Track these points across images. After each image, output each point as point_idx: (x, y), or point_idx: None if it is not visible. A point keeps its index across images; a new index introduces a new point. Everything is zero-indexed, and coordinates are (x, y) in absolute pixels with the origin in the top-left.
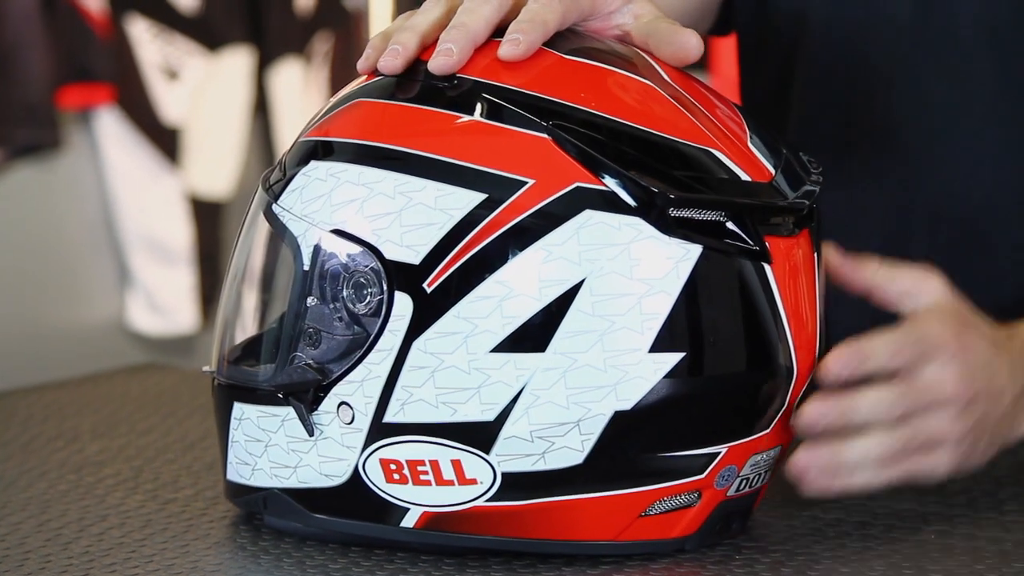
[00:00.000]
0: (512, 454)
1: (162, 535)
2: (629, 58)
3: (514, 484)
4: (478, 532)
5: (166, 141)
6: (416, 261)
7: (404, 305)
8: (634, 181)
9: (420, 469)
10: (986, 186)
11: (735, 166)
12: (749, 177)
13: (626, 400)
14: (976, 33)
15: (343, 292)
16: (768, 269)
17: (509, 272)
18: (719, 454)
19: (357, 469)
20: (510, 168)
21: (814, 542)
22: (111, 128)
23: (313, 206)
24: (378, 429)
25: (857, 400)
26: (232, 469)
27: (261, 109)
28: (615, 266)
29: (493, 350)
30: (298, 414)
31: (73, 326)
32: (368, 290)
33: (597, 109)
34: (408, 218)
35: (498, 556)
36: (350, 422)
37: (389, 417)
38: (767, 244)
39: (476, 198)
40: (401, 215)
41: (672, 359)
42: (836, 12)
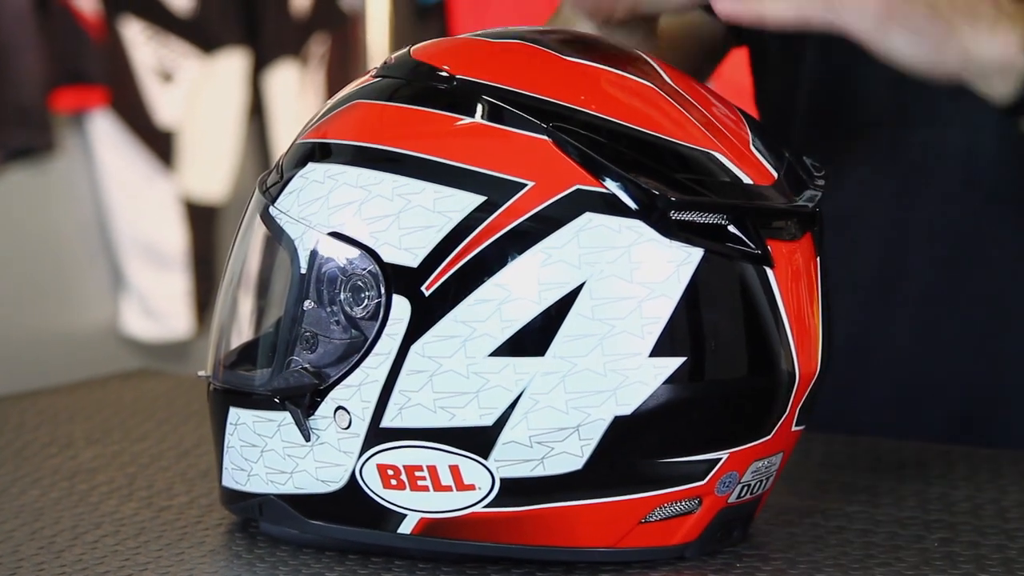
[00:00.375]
0: (511, 459)
1: (157, 543)
2: (630, 60)
3: (513, 490)
4: (476, 539)
5: (160, 144)
6: (414, 264)
7: (402, 308)
8: (635, 183)
9: (418, 475)
10: (981, 198)
11: (737, 169)
12: (751, 180)
13: (626, 405)
14: None
15: (340, 295)
16: (770, 273)
17: (508, 275)
18: (720, 460)
19: (354, 475)
20: (510, 170)
21: (816, 550)
22: (105, 131)
23: (310, 208)
24: (375, 434)
25: None
26: (228, 475)
27: (257, 112)
28: (615, 269)
29: (492, 354)
30: (295, 419)
31: (66, 331)
32: (366, 293)
33: (598, 111)
34: (406, 220)
35: (496, 563)
36: (347, 427)
37: (386, 422)
38: (769, 248)
39: (475, 200)
40: (399, 217)
41: (673, 364)
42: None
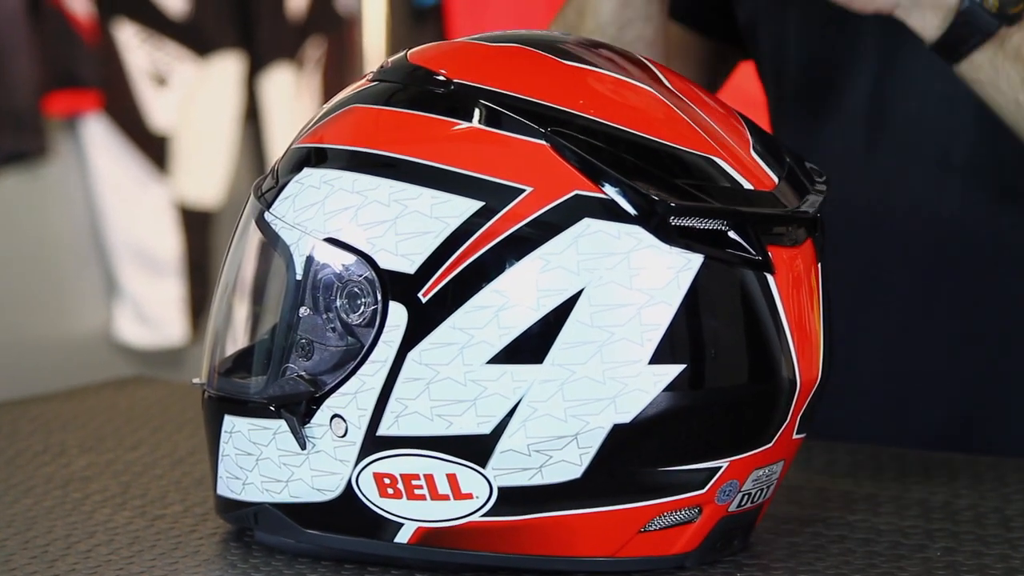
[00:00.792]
0: (509, 468)
1: (151, 552)
2: (630, 64)
3: (511, 499)
4: (474, 548)
5: (155, 149)
6: (411, 270)
7: (399, 315)
8: (634, 189)
9: (415, 483)
10: (954, 207)
11: (737, 174)
12: (752, 186)
13: (625, 413)
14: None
15: (336, 302)
16: (771, 279)
17: (506, 282)
18: (720, 468)
19: (350, 483)
20: (508, 175)
21: (817, 559)
22: (98, 135)
23: (306, 214)
24: (372, 442)
25: None
26: (222, 484)
27: (252, 116)
28: (614, 276)
29: (490, 361)
30: (290, 427)
31: (59, 338)
32: (362, 300)
33: (597, 115)
34: (403, 226)
35: (494, 573)
36: (343, 435)
37: (383, 430)
38: (770, 254)
39: (473, 206)
40: (396, 223)
41: (672, 371)
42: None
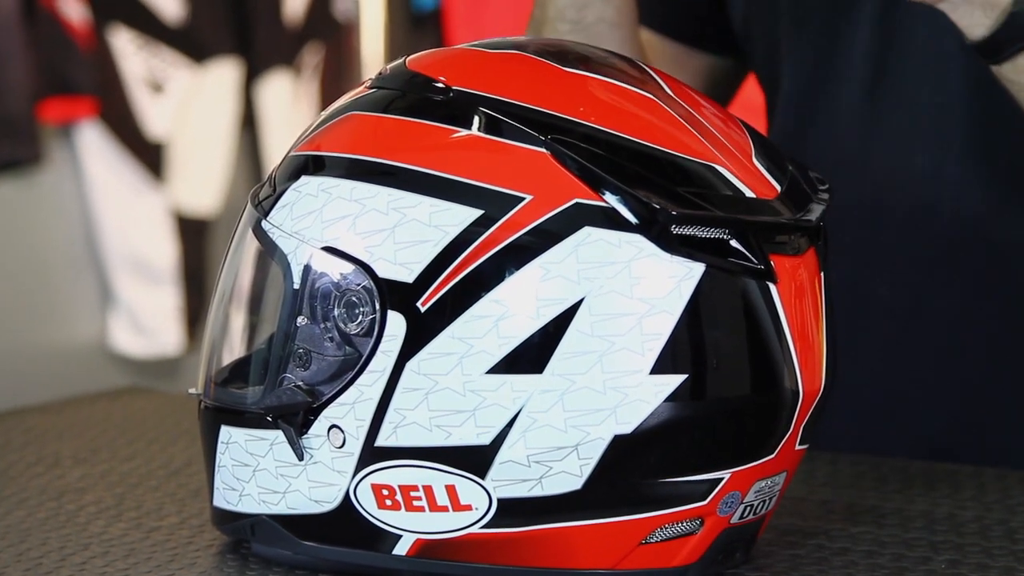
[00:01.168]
0: (508, 479)
1: (146, 564)
2: (631, 71)
3: (510, 510)
4: (473, 560)
5: (150, 156)
6: (410, 279)
7: (397, 325)
8: (635, 197)
9: (413, 495)
10: (948, 215)
11: (739, 182)
12: (754, 194)
13: (626, 424)
14: (931, 60)
15: (334, 311)
16: (773, 289)
17: (506, 291)
18: (722, 480)
19: (348, 494)
20: (507, 184)
21: (820, 572)
22: (93, 143)
23: (304, 222)
24: (370, 453)
25: None
26: (219, 495)
27: (249, 123)
28: (615, 285)
29: (489, 371)
30: (287, 437)
31: (54, 348)
32: (360, 309)
33: (597, 123)
34: (402, 235)
35: None
36: (341, 446)
37: (381, 441)
38: (772, 263)
39: (472, 214)
40: (394, 232)
41: (674, 381)
42: (800, 42)
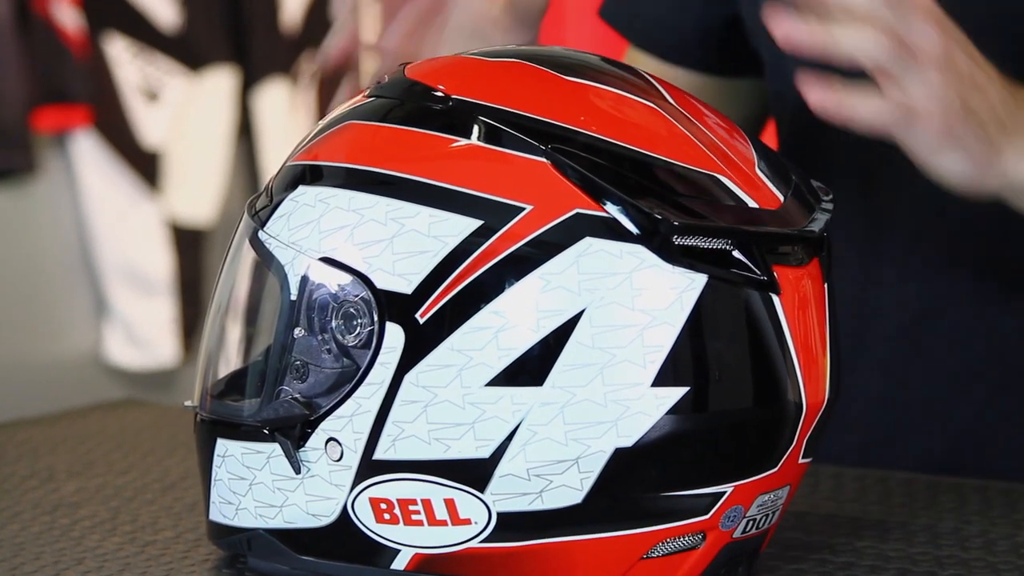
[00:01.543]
0: (508, 493)
1: None
2: (632, 80)
3: (510, 524)
4: (472, 575)
5: (146, 165)
6: (408, 290)
7: (395, 336)
8: (636, 207)
9: (412, 508)
10: (954, 230)
11: (742, 192)
12: (756, 204)
13: (627, 437)
14: None
15: (332, 323)
16: (776, 300)
17: (506, 302)
18: (725, 494)
19: (346, 508)
20: (507, 193)
21: None
22: (88, 152)
23: (301, 233)
24: (368, 466)
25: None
26: (215, 509)
27: (245, 132)
28: (616, 296)
29: (488, 384)
30: (284, 451)
31: (47, 359)
32: (358, 321)
33: (598, 132)
34: (400, 245)
35: None
36: (338, 459)
37: (379, 454)
38: (775, 274)
39: (471, 225)
40: (393, 242)
41: (676, 394)
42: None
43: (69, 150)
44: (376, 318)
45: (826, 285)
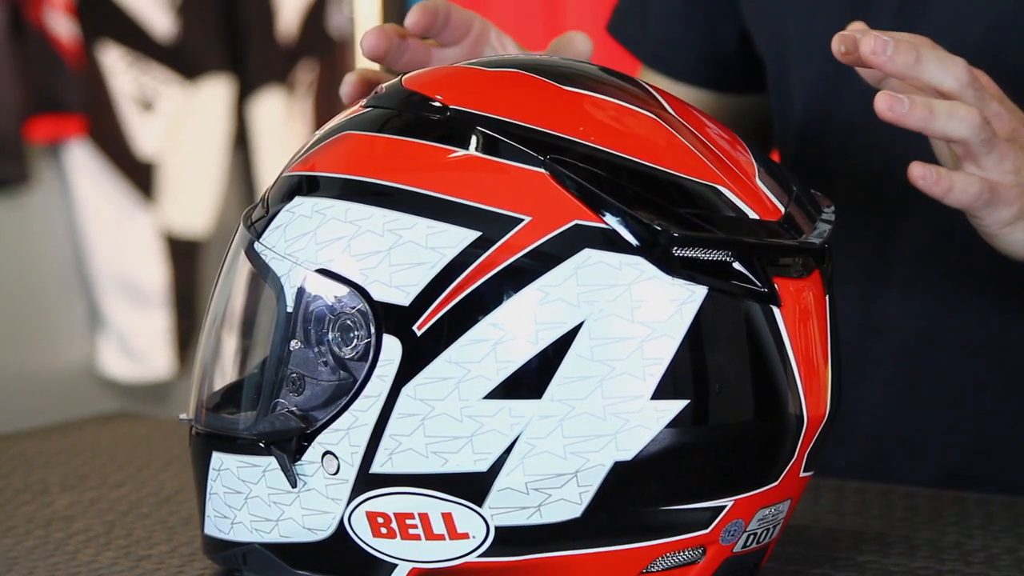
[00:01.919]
0: (506, 507)
1: None
2: (632, 90)
3: (508, 539)
4: None
5: (140, 176)
6: (406, 302)
7: (393, 349)
8: (636, 219)
9: (409, 523)
10: (959, 243)
11: (742, 203)
12: (757, 215)
13: (627, 450)
14: None
15: (328, 335)
16: (777, 312)
17: (504, 314)
18: (725, 508)
19: (342, 523)
20: (505, 204)
21: None
22: (82, 162)
23: (297, 244)
24: (365, 480)
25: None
26: (210, 523)
27: (241, 142)
28: (615, 308)
29: (486, 396)
30: (280, 464)
31: (41, 371)
32: (355, 333)
33: (597, 143)
34: (397, 257)
35: None
36: (335, 473)
37: (376, 467)
38: (776, 286)
39: (469, 236)
40: (390, 254)
41: (676, 407)
42: (809, 64)
43: (63, 160)
44: (373, 330)
45: (827, 297)
